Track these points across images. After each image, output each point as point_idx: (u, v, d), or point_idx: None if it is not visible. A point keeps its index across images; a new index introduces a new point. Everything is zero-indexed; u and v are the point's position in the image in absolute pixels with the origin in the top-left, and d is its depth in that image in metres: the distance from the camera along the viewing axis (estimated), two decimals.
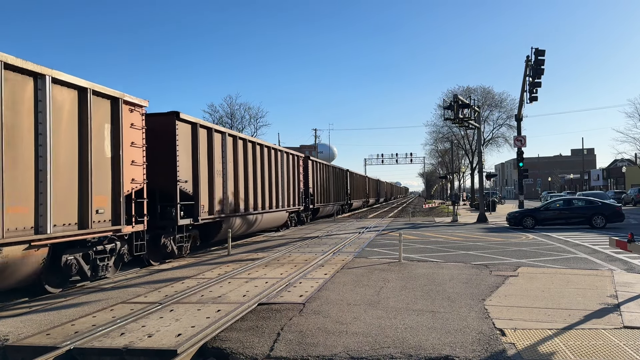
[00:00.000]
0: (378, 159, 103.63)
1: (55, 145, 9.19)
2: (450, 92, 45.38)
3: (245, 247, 17.36)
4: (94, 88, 10.27)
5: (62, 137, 9.47)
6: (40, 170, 8.83)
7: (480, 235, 20.48)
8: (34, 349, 6.00)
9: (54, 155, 9.13)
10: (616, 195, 51.13)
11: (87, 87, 10.07)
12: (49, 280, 9.77)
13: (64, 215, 9.43)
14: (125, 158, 11.21)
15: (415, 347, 5.84)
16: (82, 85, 9.96)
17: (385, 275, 10.65)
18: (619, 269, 11.21)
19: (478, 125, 30.97)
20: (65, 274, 9.95)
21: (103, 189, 10.54)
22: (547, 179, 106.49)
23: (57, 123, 9.28)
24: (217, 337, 6.43)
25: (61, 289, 10.01)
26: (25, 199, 8.58)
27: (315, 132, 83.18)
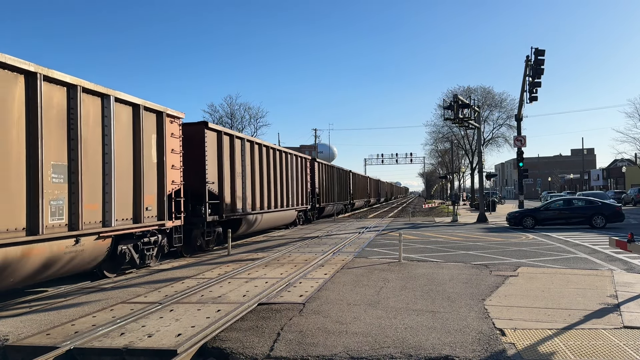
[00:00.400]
0: (378, 159, 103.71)
1: (117, 153, 11.01)
2: (450, 92, 45.44)
3: (245, 247, 17.36)
4: (144, 104, 12.11)
5: (122, 147, 11.27)
6: (106, 174, 10.68)
7: (480, 235, 20.49)
8: (34, 349, 6.00)
9: (116, 162, 10.96)
10: (616, 195, 51.16)
11: (139, 104, 11.91)
12: (107, 266, 11.44)
13: (123, 211, 11.23)
14: (167, 163, 13.11)
15: (415, 347, 5.84)
16: (136, 102, 11.80)
17: (385, 275, 10.65)
18: (619, 269, 11.21)
19: (478, 125, 30.97)
20: (119, 262, 11.59)
21: (151, 189, 12.42)
22: (547, 179, 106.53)
23: (118, 135, 11.09)
24: (217, 337, 6.43)
25: (115, 274, 11.64)
26: (96, 198, 10.38)
27: (315, 132, 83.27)
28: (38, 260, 8.80)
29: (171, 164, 13.36)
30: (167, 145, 13.09)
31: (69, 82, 9.59)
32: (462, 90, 47.12)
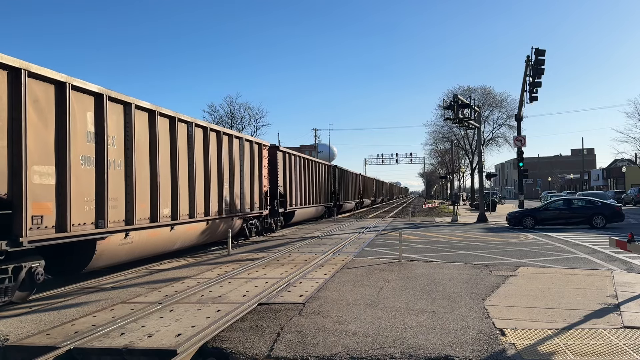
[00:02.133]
0: (378, 159, 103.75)
1: (246, 170, 19.02)
2: (450, 92, 45.40)
3: (245, 247, 17.36)
4: (256, 141, 20.74)
5: (247, 168, 19.22)
6: (244, 185, 18.71)
7: (480, 235, 20.49)
8: (34, 349, 6.00)
9: (248, 175, 19.28)
10: (616, 195, 51.15)
11: (255, 141, 20.56)
12: (237, 236, 19.31)
13: (247, 204, 19.10)
14: (262, 174, 21.03)
15: (415, 347, 5.85)
16: (255, 141, 20.72)
17: (385, 275, 10.65)
18: (619, 269, 11.21)
19: (478, 125, 30.98)
20: (242, 233, 19.56)
21: (257, 190, 20.37)
22: (547, 179, 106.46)
23: (246, 160, 19.19)
24: (217, 337, 6.44)
25: (241, 240, 19.83)
26: (240, 199, 18.42)
27: (315, 132, 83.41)
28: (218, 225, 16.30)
29: (264, 175, 21.15)
30: (263, 163, 21.06)
31: (229, 132, 18.03)
32: (462, 90, 47.12)
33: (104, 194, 10.58)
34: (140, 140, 12.10)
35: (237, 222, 18.30)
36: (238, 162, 18.26)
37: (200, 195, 15.07)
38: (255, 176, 20.00)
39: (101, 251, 10.66)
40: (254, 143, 20.20)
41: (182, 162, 14.02)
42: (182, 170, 14.03)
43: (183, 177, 14.04)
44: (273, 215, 22.89)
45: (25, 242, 8.51)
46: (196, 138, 14.95)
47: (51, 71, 9.26)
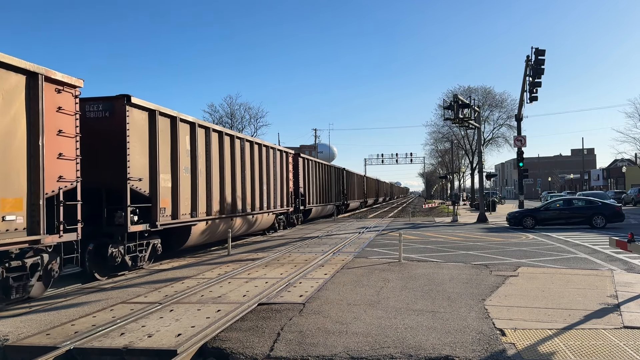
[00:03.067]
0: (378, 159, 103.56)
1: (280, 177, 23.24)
2: (450, 92, 45.41)
3: (245, 247, 17.36)
4: (286, 150, 24.78)
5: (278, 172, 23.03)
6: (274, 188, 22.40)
7: (480, 235, 20.49)
8: (34, 349, 6.00)
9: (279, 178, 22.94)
10: (616, 195, 51.11)
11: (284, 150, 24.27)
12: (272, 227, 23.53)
13: (279, 204, 23.03)
14: (289, 177, 25.31)
15: (415, 347, 5.84)
16: (286, 150, 24.94)
17: (385, 275, 10.65)
18: (619, 269, 11.21)
19: (478, 125, 30.98)
20: (272, 227, 23.47)
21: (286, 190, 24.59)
22: (547, 179, 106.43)
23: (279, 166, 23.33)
24: (217, 337, 6.44)
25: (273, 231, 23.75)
26: (274, 199, 22.28)
27: (315, 132, 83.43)
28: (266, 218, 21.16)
29: (290, 178, 25.19)
30: (289, 168, 25.23)
31: (267, 144, 22.19)
32: (462, 90, 47.13)
33: (195, 193, 14.62)
34: (213, 154, 16.06)
35: (271, 216, 22.73)
36: (272, 168, 22.44)
37: (249, 195, 19.36)
38: (284, 179, 24.41)
39: (193, 234, 14.56)
40: (283, 152, 24.85)
41: (237, 169, 18.12)
42: (238, 176, 18.16)
43: (238, 181, 18.14)
44: (295, 212, 27.66)
45: (158, 225, 12.57)
46: (247, 150, 19.21)
47: (169, 110, 13.46)
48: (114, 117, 11.57)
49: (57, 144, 9.23)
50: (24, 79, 8.61)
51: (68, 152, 9.51)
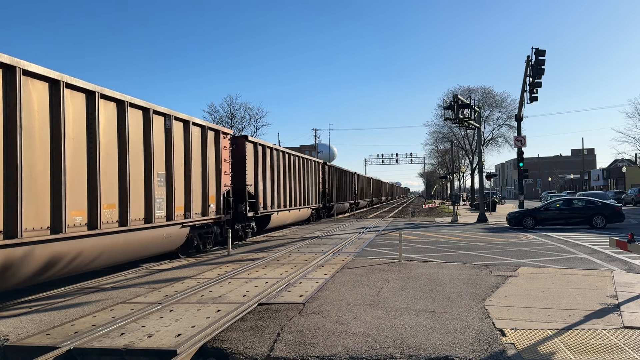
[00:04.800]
0: (378, 159, 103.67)
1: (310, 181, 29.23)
2: (450, 92, 45.44)
3: (245, 247, 17.36)
4: (317, 161, 31.31)
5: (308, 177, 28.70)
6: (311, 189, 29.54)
7: (481, 235, 20.48)
8: (34, 349, 6.00)
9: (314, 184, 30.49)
10: (616, 195, 51.12)
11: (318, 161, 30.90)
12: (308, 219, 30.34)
13: (313, 201, 29.87)
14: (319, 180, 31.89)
15: (415, 347, 5.84)
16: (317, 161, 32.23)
17: (385, 276, 10.65)
18: (619, 269, 11.21)
19: (478, 125, 30.97)
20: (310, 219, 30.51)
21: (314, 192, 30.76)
22: (547, 179, 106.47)
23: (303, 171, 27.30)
24: (217, 337, 6.43)
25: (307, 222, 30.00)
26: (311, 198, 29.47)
27: (316, 132, 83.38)
28: None
29: (319, 182, 31.61)
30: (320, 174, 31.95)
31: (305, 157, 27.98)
32: (462, 90, 47.13)
33: (273, 194, 21.86)
34: (281, 168, 23.54)
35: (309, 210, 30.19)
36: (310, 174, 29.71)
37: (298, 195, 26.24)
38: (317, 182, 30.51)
39: (272, 220, 22.16)
40: (315, 162, 29.31)
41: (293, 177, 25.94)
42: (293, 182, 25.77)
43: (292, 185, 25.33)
44: (323, 208, 28.86)
45: (259, 213, 19.98)
46: (296, 162, 26.87)
47: (265, 142, 21.39)
48: (238, 148, 18.62)
49: (224, 166, 16.71)
50: (213, 134, 16.14)
51: (227, 170, 17.05)
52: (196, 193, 14.69)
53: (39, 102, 9.00)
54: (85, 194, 10.03)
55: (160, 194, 12.79)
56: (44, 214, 8.99)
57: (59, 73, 9.40)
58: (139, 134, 11.98)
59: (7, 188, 8.30)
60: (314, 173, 30.74)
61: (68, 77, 9.59)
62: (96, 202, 10.21)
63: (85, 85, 10.10)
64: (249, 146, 19.26)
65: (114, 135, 11.04)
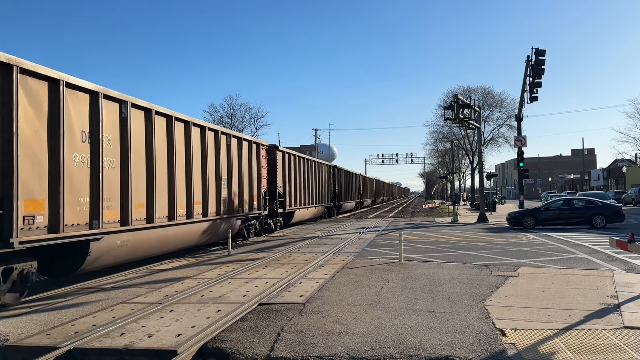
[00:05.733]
0: (378, 159, 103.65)
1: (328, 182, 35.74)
2: (450, 92, 45.40)
3: (246, 247, 17.36)
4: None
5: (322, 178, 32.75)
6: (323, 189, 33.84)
7: (481, 235, 20.48)
8: (34, 349, 6.00)
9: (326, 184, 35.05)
10: (616, 195, 51.10)
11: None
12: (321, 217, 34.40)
13: (325, 200, 34.23)
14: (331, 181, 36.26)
15: (416, 347, 5.84)
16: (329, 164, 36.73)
17: (385, 276, 10.65)
18: (619, 269, 11.21)
19: (478, 125, 30.97)
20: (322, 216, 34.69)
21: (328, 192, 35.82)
22: (547, 179, 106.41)
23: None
24: (217, 337, 6.43)
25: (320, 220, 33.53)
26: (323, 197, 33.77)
27: (316, 132, 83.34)
28: None
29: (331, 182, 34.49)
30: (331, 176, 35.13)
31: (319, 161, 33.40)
32: (462, 90, 47.12)
33: (296, 194, 26.36)
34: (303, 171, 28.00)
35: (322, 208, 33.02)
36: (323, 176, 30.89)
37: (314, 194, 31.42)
38: (329, 183, 32.02)
39: (295, 215, 26.65)
40: (328, 165, 32.89)
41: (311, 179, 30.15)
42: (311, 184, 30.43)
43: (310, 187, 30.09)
44: (334, 206, 29.46)
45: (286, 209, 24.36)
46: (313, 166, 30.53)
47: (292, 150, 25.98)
48: (270, 156, 22.51)
49: (262, 171, 20.56)
50: (256, 146, 20.01)
51: (264, 175, 20.98)
52: (246, 193, 18.81)
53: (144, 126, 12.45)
54: (185, 195, 14.07)
55: (225, 194, 16.83)
56: (149, 210, 12.27)
57: (171, 111, 13.54)
58: (212, 151, 15.98)
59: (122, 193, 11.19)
60: (326, 175, 35.92)
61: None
62: (191, 200, 14.37)
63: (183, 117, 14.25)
64: (279, 154, 23.72)
65: (198, 152, 15.07)
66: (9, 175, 8.16)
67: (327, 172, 35.90)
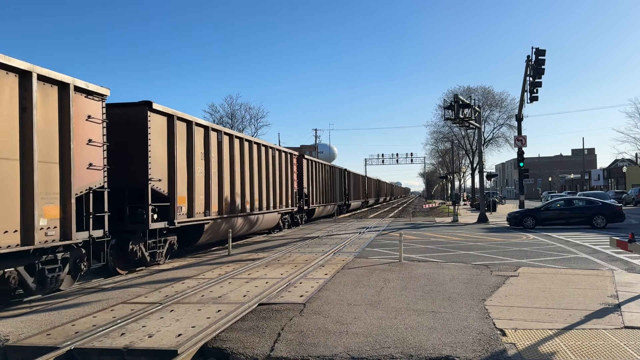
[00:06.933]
0: (379, 159, 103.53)
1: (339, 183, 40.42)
2: (450, 92, 45.40)
3: (246, 247, 17.36)
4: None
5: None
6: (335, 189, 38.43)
7: (481, 235, 20.48)
8: (35, 349, 6.00)
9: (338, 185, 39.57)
10: (617, 195, 51.06)
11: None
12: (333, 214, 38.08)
13: (337, 199, 38.57)
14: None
15: (416, 347, 5.84)
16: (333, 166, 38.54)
17: (385, 276, 10.65)
18: (619, 269, 11.21)
19: (478, 125, 30.97)
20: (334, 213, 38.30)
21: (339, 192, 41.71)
22: (547, 179, 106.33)
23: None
24: (218, 337, 6.43)
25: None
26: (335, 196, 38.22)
27: (316, 132, 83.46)
28: None
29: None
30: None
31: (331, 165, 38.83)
32: (462, 90, 47.12)
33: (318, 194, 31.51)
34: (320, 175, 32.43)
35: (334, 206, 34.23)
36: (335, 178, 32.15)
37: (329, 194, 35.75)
38: (341, 184, 32.63)
39: (316, 212, 31.41)
40: (340, 169, 36.49)
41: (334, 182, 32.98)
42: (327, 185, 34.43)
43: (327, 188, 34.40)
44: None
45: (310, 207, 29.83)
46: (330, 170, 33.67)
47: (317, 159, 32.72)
48: (298, 163, 27.03)
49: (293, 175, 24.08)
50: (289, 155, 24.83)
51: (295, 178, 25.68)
52: (283, 194, 23.59)
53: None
54: (249, 195, 18.93)
55: (267, 193, 21.19)
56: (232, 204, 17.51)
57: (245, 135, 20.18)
58: (264, 161, 20.96)
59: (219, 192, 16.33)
60: (338, 177, 40.24)
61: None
62: (253, 198, 19.39)
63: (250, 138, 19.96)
64: (304, 161, 28.51)
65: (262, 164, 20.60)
66: (171, 183, 13.31)
67: (339, 175, 41.63)
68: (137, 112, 12.42)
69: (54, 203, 9.09)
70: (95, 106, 10.40)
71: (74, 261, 9.93)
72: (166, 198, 13.15)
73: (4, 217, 8.09)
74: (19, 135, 8.40)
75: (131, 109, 12.47)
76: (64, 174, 9.33)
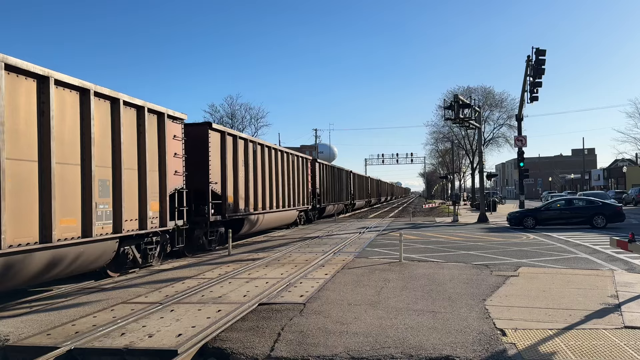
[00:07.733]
0: (379, 159, 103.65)
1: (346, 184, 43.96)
2: (450, 92, 45.37)
3: (246, 247, 17.37)
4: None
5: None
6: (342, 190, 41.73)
7: (481, 235, 20.48)
8: (35, 349, 6.00)
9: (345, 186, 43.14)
10: (617, 195, 51.04)
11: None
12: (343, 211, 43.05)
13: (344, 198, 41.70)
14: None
15: (416, 347, 5.84)
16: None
17: (385, 275, 10.65)
18: (619, 269, 11.21)
19: (478, 125, 30.97)
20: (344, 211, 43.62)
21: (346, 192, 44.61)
22: (547, 179, 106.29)
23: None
24: (218, 337, 6.44)
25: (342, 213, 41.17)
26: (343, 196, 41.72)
27: (316, 132, 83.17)
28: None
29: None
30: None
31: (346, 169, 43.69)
32: (462, 90, 47.09)
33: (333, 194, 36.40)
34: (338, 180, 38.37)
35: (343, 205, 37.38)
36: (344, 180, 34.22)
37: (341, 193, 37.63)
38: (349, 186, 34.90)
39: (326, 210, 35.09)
40: (349, 172, 39.92)
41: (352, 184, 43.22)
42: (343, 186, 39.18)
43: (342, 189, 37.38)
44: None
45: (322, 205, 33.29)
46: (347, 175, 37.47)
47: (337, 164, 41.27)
48: (312, 166, 29.49)
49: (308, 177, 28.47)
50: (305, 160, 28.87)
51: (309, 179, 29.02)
52: (300, 194, 26.83)
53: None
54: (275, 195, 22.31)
55: (288, 193, 24.35)
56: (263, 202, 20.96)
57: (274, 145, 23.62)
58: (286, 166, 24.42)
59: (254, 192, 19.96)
60: (345, 178, 42.94)
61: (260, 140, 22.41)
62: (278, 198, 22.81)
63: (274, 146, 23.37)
64: (317, 164, 31.88)
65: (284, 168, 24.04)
66: (223, 185, 16.82)
67: (346, 176, 44.33)
68: (201, 130, 16.03)
69: (156, 200, 12.54)
70: (178, 128, 13.89)
71: (162, 244, 13.21)
72: (219, 197, 16.60)
73: (129, 210, 11.31)
74: (136, 153, 11.81)
75: (196, 127, 16.21)
76: (162, 179, 12.84)
